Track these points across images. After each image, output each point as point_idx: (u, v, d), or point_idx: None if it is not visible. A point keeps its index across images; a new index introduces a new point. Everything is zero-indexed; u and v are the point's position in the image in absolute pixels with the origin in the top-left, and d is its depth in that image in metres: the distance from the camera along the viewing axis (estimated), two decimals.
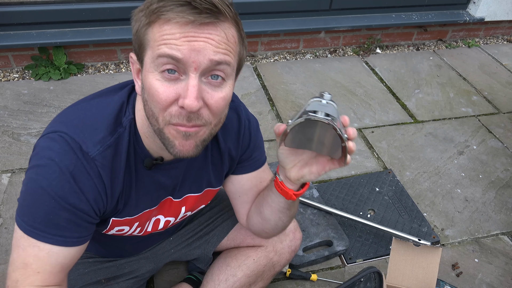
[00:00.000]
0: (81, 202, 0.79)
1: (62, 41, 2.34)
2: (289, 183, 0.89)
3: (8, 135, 2.02)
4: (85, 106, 0.85)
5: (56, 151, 0.77)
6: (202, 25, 0.69)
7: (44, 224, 0.78)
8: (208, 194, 1.07)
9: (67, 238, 0.80)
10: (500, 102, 2.59)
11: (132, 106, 0.84)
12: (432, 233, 1.72)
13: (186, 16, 0.68)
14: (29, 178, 0.78)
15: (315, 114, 0.74)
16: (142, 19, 0.73)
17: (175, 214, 1.05)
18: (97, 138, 0.79)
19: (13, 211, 1.66)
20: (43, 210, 0.77)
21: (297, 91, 2.51)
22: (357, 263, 1.60)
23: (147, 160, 0.87)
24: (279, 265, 1.26)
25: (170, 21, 0.69)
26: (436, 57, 2.99)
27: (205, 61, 0.70)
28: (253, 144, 1.03)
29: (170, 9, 0.68)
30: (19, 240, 0.79)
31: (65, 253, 0.81)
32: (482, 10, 3.01)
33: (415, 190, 1.94)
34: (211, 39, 0.70)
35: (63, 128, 0.79)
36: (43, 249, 0.79)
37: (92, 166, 0.78)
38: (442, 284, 1.40)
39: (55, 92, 2.31)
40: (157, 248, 1.24)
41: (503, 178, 2.04)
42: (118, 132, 0.82)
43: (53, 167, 0.76)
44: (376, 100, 2.50)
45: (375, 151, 2.13)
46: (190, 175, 0.98)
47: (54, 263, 0.80)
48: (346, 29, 2.84)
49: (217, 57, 0.71)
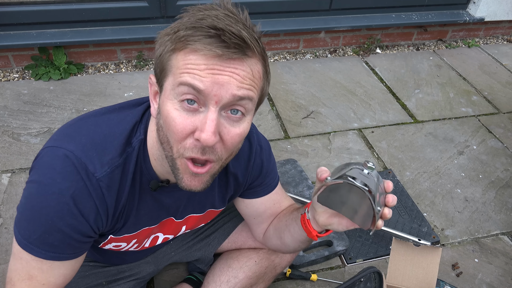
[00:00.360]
0: (79, 223, 0.78)
1: (62, 41, 2.34)
2: (315, 224, 0.90)
3: (8, 135, 2.01)
4: (97, 121, 0.83)
5: (58, 171, 0.75)
6: (229, 59, 0.67)
7: (39, 241, 0.77)
8: (210, 215, 1.07)
9: (60, 254, 0.80)
10: (500, 102, 2.59)
11: (145, 126, 0.83)
12: (432, 233, 1.72)
13: (214, 49, 0.66)
14: (30, 192, 0.77)
15: (354, 180, 0.73)
16: (167, 44, 0.71)
17: (174, 232, 1.05)
18: (105, 159, 0.78)
19: (13, 211, 1.66)
20: (40, 228, 0.76)
21: (297, 91, 2.51)
22: (357, 263, 1.60)
23: (153, 182, 0.85)
24: (281, 266, 1.26)
25: (197, 52, 0.67)
26: (436, 57, 2.99)
27: (228, 96, 0.68)
28: (265, 170, 1.02)
29: (198, 40, 0.67)
30: (20, 253, 0.79)
31: (66, 265, 0.82)
32: (482, 10, 3.01)
33: (415, 190, 1.94)
34: (236, 74, 0.68)
35: (71, 145, 0.77)
36: (46, 263, 0.79)
37: (96, 188, 0.77)
38: (442, 284, 1.40)
39: (55, 92, 2.31)
40: (158, 252, 1.24)
41: (503, 178, 2.04)
42: (127, 152, 0.80)
43: (53, 188, 0.75)
44: (376, 100, 2.50)
45: (375, 151, 2.13)
46: (195, 198, 0.97)
47: (57, 274, 0.81)
48: (346, 29, 2.84)
49: (240, 92, 0.69)
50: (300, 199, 1.75)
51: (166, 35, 0.71)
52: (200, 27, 0.67)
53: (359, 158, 2.07)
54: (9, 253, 1.53)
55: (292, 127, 2.24)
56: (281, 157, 2.03)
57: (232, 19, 0.67)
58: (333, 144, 2.15)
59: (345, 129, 2.26)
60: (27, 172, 1.81)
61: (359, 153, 2.11)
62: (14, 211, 1.67)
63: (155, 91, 0.77)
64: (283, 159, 1.98)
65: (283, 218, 1.05)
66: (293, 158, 2.01)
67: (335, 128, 2.26)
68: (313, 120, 2.30)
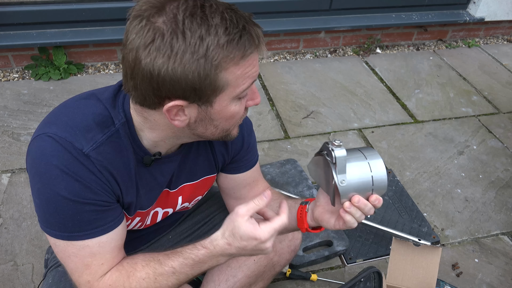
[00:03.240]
0: (96, 194, 0.79)
1: (62, 41, 2.34)
2: (310, 218, 0.95)
3: (8, 135, 2.02)
4: (73, 105, 0.84)
5: (49, 154, 0.76)
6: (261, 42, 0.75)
7: (77, 226, 0.78)
8: (206, 183, 1.08)
9: (105, 226, 0.81)
10: (500, 102, 2.59)
11: (123, 109, 0.83)
12: (432, 233, 1.72)
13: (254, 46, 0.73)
14: (38, 189, 0.77)
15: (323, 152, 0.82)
16: (207, 67, 0.69)
17: (172, 205, 1.06)
18: (89, 136, 0.78)
19: (13, 211, 1.67)
20: (68, 214, 0.77)
21: (297, 91, 2.51)
22: (357, 263, 1.60)
23: (147, 157, 0.87)
24: (279, 265, 1.26)
25: (245, 56, 0.72)
26: (436, 57, 2.99)
27: None
28: (246, 145, 1.05)
29: (244, 49, 0.71)
30: (66, 249, 0.80)
31: (113, 236, 0.83)
32: (482, 10, 3.01)
33: (415, 190, 1.94)
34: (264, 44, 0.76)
35: (53, 127, 0.78)
36: (93, 244, 0.80)
37: (88, 162, 0.77)
38: (442, 284, 1.39)
39: (55, 92, 2.31)
40: (155, 245, 1.24)
41: (503, 178, 2.04)
42: (110, 130, 0.81)
43: (54, 171, 0.75)
44: (376, 100, 2.50)
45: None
46: (185, 166, 0.99)
47: (109, 248, 0.83)
48: (346, 29, 2.84)
49: None
50: (298, 198, 1.75)
51: (196, 60, 0.69)
52: (240, 36, 0.70)
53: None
54: (9, 253, 1.53)
55: (292, 127, 2.24)
56: (281, 157, 2.03)
57: (233, 7, 0.73)
58: None
59: (345, 129, 2.25)
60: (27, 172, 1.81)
61: None
62: (14, 211, 1.67)
63: (178, 110, 0.76)
64: (283, 159, 1.98)
65: (273, 204, 1.08)
66: (293, 158, 2.01)
67: (335, 128, 2.26)
68: (313, 120, 2.30)
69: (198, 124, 0.80)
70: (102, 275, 0.82)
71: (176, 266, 0.83)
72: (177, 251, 0.85)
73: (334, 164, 0.78)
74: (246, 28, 0.71)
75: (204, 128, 0.81)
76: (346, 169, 0.78)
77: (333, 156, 0.77)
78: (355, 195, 0.79)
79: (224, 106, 0.77)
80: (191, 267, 0.84)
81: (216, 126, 0.81)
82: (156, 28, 0.68)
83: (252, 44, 0.72)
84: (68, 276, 1.03)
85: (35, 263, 1.50)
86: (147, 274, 0.83)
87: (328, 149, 0.79)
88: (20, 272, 1.47)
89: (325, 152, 0.81)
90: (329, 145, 0.79)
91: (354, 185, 0.79)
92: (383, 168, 0.79)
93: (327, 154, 0.80)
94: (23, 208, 1.68)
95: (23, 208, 1.68)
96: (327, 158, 0.80)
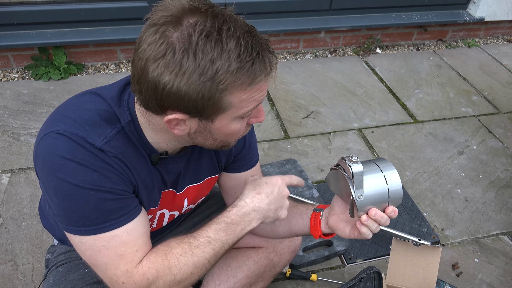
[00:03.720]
0: (114, 183, 0.78)
1: (62, 41, 2.34)
2: (324, 225, 0.97)
3: (8, 135, 2.02)
4: (76, 102, 0.84)
5: (63, 149, 0.75)
6: (273, 69, 0.75)
7: (102, 217, 0.77)
8: (209, 183, 1.09)
9: (128, 213, 0.81)
10: (500, 102, 2.59)
11: (128, 109, 0.83)
12: (432, 233, 1.72)
13: (266, 73, 0.73)
14: (54, 187, 0.76)
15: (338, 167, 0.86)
16: (212, 89, 0.70)
17: (179, 208, 1.07)
18: (98, 131, 0.78)
19: (13, 211, 1.67)
20: (91, 205, 0.76)
21: (297, 91, 2.51)
22: (357, 263, 1.60)
23: (154, 155, 0.87)
24: (280, 265, 1.26)
25: (254, 82, 0.72)
26: (436, 57, 2.99)
27: None
28: (248, 144, 1.07)
29: (255, 76, 0.71)
30: (95, 244, 0.79)
31: (139, 222, 0.83)
32: (482, 10, 3.01)
33: (415, 190, 1.94)
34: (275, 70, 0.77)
35: (61, 125, 0.78)
36: (121, 233, 0.79)
37: (103, 155, 0.77)
38: (442, 284, 1.40)
39: (55, 92, 2.31)
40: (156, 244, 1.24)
41: (503, 178, 2.04)
42: (117, 126, 0.81)
43: (70, 165, 0.75)
44: (376, 100, 2.50)
45: (375, 151, 2.13)
46: (189, 167, 0.99)
47: (138, 234, 0.82)
48: (346, 29, 2.84)
49: None
50: (300, 199, 1.75)
51: (202, 81, 0.69)
52: (251, 64, 0.70)
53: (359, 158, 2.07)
54: (9, 253, 1.53)
55: (292, 127, 2.24)
56: (281, 157, 2.03)
57: (247, 29, 0.71)
58: (333, 144, 2.15)
59: (345, 129, 2.26)
60: (27, 172, 1.81)
61: (359, 153, 2.11)
62: (14, 211, 1.67)
63: (179, 121, 0.76)
64: (283, 159, 1.98)
65: None
66: (293, 158, 2.01)
67: (335, 128, 2.26)
68: (313, 120, 2.30)
69: (198, 135, 0.81)
70: (138, 261, 0.81)
71: (210, 234, 0.85)
72: (209, 222, 0.87)
73: (352, 180, 0.80)
74: (260, 55, 0.71)
75: (203, 139, 0.83)
76: (363, 184, 0.81)
77: (350, 172, 0.80)
78: (372, 208, 0.82)
79: (224, 124, 0.78)
80: (225, 231, 0.85)
81: (215, 139, 0.82)
82: (169, 43, 0.67)
83: (263, 71, 0.72)
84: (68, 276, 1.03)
85: (35, 263, 1.50)
86: (183, 249, 0.83)
87: (345, 165, 0.82)
88: (20, 272, 1.47)
89: (341, 167, 0.84)
90: (346, 161, 0.82)
91: (371, 199, 0.82)
92: (398, 179, 0.82)
93: (344, 169, 0.83)
94: (23, 208, 1.68)
95: (23, 208, 1.68)
96: (344, 174, 0.82)
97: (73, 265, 1.06)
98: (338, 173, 0.86)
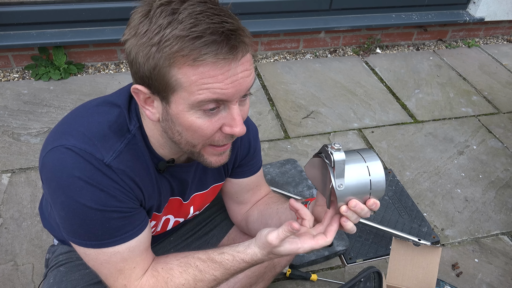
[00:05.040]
0: (121, 202, 0.79)
1: (62, 41, 2.34)
2: None
3: (8, 135, 2.02)
4: (86, 113, 0.83)
5: (71, 166, 0.75)
6: (241, 58, 0.69)
7: (107, 234, 0.79)
8: (214, 190, 1.09)
9: (133, 230, 0.82)
10: (500, 102, 2.59)
11: (136, 114, 0.83)
12: (432, 233, 1.72)
13: (226, 56, 0.66)
14: (62, 202, 0.77)
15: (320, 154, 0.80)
16: (156, 56, 0.67)
17: (184, 215, 1.07)
18: (107, 145, 0.78)
19: (13, 211, 1.67)
20: (97, 223, 0.78)
21: (297, 91, 2.51)
22: (357, 263, 1.60)
23: (161, 163, 0.87)
24: (280, 265, 1.26)
25: (208, 64, 0.66)
26: (436, 57, 2.99)
27: (244, 90, 0.72)
28: (252, 150, 1.06)
29: (205, 52, 0.65)
30: (98, 257, 0.81)
31: (141, 239, 0.84)
32: (482, 10, 3.01)
33: (415, 190, 1.94)
34: (247, 69, 0.71)
35: (70, 139, 0.77)
36: (123, 250, 0.81)
37: (111, 172, 0.77)
38: (442, 284, 1.40)
39: (55, 92, 2.31)
40: (157, 248, 1.24)
41: (503, 178, 2.04)
42: (127, 138, 0.81)
43: (78, 183, 0.75)
44: (376, 100, 2.50)
45: (375, 151, 2.13)
46: (196, 176, 0.99)
47: (139, 251, 0.84)
48: (346, 29, 2.84)
49: (252, 81, 0.73)
50: (300, 199, 1.75)
51: (149, 45, 0.68)
52: (199, 36, 0.65)
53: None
54: (9, 253, 1.53)
55: (292, 127, 2.24)
56: (281, 157, 2.03)
57: (218, 12, 0.68)
58: None
59: (345, 129, 2.26)
60: (27, 172, 1.81)
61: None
62: (14, 211, 1.67)
63: (146, 98, 0.76)
64: (283, 159, 1.98)
65: (273, 206, 1.08)
66: (293, 158, 2.01)
67: (335, 128, 2.26)
68: (313, 120, 2.30)
69: (165, 124, 0.77)
70: (136, 278, 0.84)
71: (218, 275, 0.85)
72: (216, 261, 0.85)
73: (333, 168, 0.76)
74: (213, 33, 0.65)
75: (171, 131, 0.78)
76: (344, 173, 0.77)
77: (332, 159, 0.76)
78: (352, 199, 0.78)
79: (180, 110, 0.72)
80: (232, 274, 0.86)
81: (179, 133, 0.76)
82: (137, 11, 0.71)
83: (212, 51, 0.66)
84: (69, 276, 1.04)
85: (35, 263, 1.50)
86: (187, 280, 0.84)
87: (327, 152, 0.78)
88: (20, 272, 1.48)
89: (323, 155, 0.80)
90: (328, 148, 0.78)
91: (352, 189, 0.77)
92: (382, 171, 0.78)
93: (326, 156, 0.79)
94: (23, 208, 1.68)
95: (23, 208, 1.68)
96: (326, 161, 0.78)
97: (74, 265, 1.06)
98: (318, 161, 0.81)
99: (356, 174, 0.77)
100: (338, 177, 0.76)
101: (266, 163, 1.94)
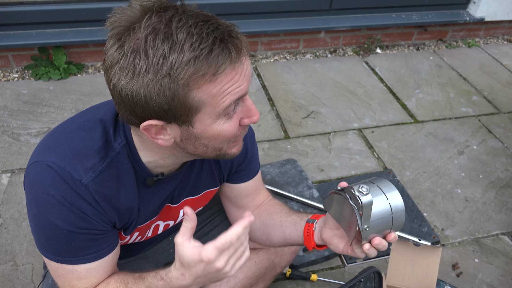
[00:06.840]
0: (90, 224, 0.80)
1: (62, 41, 2.34)
2: (317, 236, 0.95)
3: (8, 135, 2.01)
4: (73, 129, 0.82)
5: (48, 184, 0.76)
6: (241, 55, 0.70)
7: (70, 252, 0.81)
8: (208, 196, 1.08)
9: (97, 252, 0.83)
10: (500, 102, 2.59)
11: (123, 132, 0.82)
12: (432, 233, 1.72)
13: (233, 60, 0.67)
14: (34, 215, 0.79)
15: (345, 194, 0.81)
16: (172, 86, 0.65)
17: (174, 218, 1.06)
18: (88, 165, 0.78)
19: (13, 211, 1.67)
20: (62, 241, 0.79)
21: (297, 91, 2.51)
22: (357, 263, 1.60)
23: (149, 179, 0.87)
24: (280, 266, 1.26)
25: (221, 73, 0.67)
26: (436, 57, 2.99)
27: (249, 80, 0.74)
28: (249, 155, 1.06)
29: (217, 67, 0.65)
30: (57, 270, 0.84)
31: (103, 263, 0.85)
32: (482, 10, 3.01)
33: (415, 190, 1.94)
34: (246, 57, 0.72)
35: (52, 156, 0.78)
36: (81, 270, 0.83)
37: (86, 193, 0.77)
38: (442, 284, 1.39)
39: (55, 92, 2.31)
40: (156, 248, 1.24)
41: (503, 178, 2.04)
42: (110, 156, 0.80)
43: (51, 201, 0.76)
44: (376, 100, 2.50)
45: (375, 151, 2.13)
46: (188, 182, 0.99)
47: (96, 274, 0.85)
48: (346, 29, 2.84)
49: (251, 69, 0.75)
50: (300, 199, 1.75)
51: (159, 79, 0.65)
52: (210, 51, 0.64)
53: (359, 158, 2.07)
54: (9, 253, 1.53)
55: (292, 127, 2.24)
56: (281, 157, 2.03)
57: (206, 18, 0.67)
58: (333, 144, 2.15)
59: (345, 129, 2.25)
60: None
61: (359, 153, 2.11)
62: (14, 211, 1.67)
63: (158, 129, 0.74)
64: (283, 159, 1.98)
65: (276, 217, 1.07)
66: (293, 158, 2.01)
67: (335, 128, 2.26)
68: (313, 120, 2.30)
69: (186, 143, 0.77)
70: None
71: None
72: (143, 277, 0.83)
73: (360, 212, 0.78)
74: (218, 41, 0.65)
75: (193, 147, 0.78)
76: (371, 216, 0.79)
77: (360, 204, 0.77)
78: (375, 237, 0.81)
79: (207, 125, 0.72)
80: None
81: (205, 145, 0.77)
82: (120, 46, 0.66)
83: (226, 58, 0.66)
84: None
85: (35, 263, 1.50)
86: None
87: (353, 195, 0.79)
88: (20, 272, 1.47)
89: (348, 196, 0.80)
90: (355, 192, 0.78)
91: (376, 228, 0.80)
92: (403, 207, 0.81)
93: (351, 198, 0.79)
94: (23, 208, 1.68)
95: (23, 208, 1.68)
96: (352, 204, 0.79)
97: None
98: (342, 199, 0.82)
99: (380, 213, 0.80)
100: (365, 219, 0.78)
101: (266, 163, 1.94)
